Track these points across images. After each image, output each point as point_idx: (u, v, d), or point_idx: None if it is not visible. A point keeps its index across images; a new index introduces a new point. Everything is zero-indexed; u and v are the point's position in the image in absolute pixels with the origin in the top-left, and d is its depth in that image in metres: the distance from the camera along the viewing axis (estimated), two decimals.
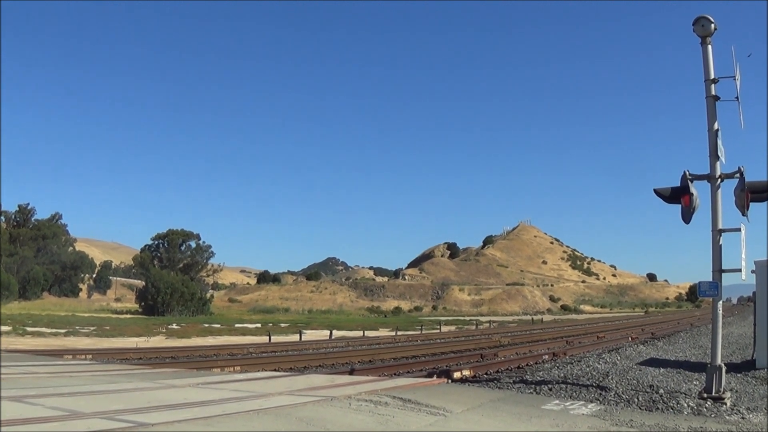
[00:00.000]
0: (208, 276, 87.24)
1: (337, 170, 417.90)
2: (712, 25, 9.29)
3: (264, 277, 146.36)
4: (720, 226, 9.14)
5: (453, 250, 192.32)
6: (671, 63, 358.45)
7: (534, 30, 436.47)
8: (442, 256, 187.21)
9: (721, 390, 8.89)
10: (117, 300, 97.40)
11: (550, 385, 10.30)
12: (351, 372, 13.89)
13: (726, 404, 8.60)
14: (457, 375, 13.02)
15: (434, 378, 12.19)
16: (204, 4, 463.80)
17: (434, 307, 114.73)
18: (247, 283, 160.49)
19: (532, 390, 10.02)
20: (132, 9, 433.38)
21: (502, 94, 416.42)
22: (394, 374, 14.11)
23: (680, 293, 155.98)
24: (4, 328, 29.78)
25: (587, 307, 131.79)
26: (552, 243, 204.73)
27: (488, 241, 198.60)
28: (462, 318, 73.67)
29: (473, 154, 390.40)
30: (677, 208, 9.40)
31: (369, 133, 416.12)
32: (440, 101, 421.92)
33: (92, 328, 33.82)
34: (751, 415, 8.12)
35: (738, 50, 9.39)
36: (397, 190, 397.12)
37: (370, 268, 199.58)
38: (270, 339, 29.10)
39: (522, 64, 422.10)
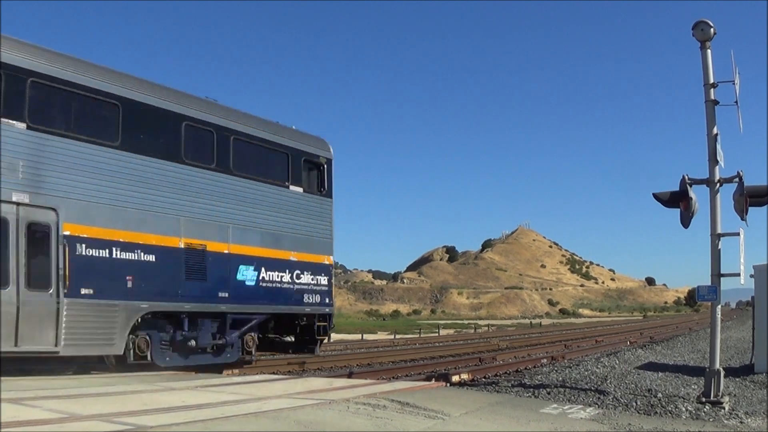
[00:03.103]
0: None
1: (335, 173, 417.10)
2: (712, 30, 9.31)
3: None
4: (719, 231, 9.15)
5: (452, 253, 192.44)
6: (670, 67, 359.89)
7: (532, 33, 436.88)
8: (441, 259, 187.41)
9: (720, 394, 8.90)
10: None
11: (548, 389, 10.30)
12: (349, 375, 13.90)
13: (724, 408, 8.61)
14: (455, 378, 13.03)
15: (433, 381, 12.18)
16: (203, 5, 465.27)
17: (433, 311, 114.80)
18: None
19: (530, 394, 10.02)
20: (130, 11, 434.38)
21: (501, 97, 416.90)
22: (393, 377, 14.11)
23: (679, 297, 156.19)
24: None
25: (586, 311, 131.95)
26: (551, 247, 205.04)
27: (487, 244, 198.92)
28: (461, 322, 73.69)
29: (472, 158, 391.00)
30: (676, 212, 9.43)
31: (367, 136, 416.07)
32: (439, 104, 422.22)
33: None
34: (749, 420, 8.13)
35: (737, 54, 9.44)
36: (396, 193, 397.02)
37: (369, 271, 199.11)
38: None
39: (521, 67, 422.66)
